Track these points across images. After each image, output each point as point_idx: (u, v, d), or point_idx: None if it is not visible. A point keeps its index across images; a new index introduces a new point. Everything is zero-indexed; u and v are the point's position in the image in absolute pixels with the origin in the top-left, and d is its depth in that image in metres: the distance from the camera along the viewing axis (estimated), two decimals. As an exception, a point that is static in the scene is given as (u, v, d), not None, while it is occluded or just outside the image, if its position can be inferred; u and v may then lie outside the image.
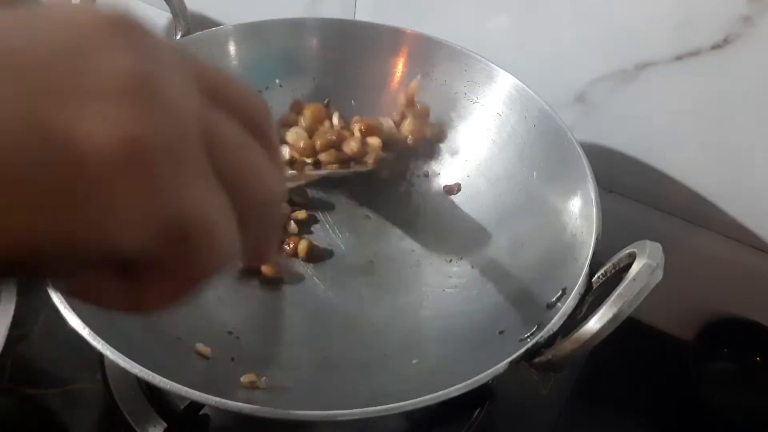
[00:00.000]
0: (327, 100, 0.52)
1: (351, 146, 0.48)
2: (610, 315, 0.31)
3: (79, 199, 0.14)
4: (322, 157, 0.48)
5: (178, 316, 0.42)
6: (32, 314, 0.49)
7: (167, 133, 0.15)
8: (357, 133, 0.48)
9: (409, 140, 0.50)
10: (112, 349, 0.32)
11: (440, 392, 0.31)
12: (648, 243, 0.33)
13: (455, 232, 0.49)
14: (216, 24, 0.65)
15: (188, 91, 0.16)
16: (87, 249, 0.15)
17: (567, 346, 0.32)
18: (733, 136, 0.45)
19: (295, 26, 0.52)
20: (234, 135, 0.17)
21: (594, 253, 0.37)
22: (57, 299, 0.34)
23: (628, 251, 0.34)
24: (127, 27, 0.15)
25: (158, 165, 0.14)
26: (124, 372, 0.32)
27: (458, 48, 0.49)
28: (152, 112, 0.14)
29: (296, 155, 0.48)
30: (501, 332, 0.39)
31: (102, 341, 0.32)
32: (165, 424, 0.43)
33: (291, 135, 0.49)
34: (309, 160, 0.48)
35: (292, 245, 0.48)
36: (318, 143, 0.48)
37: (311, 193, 0.52)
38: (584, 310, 0.36)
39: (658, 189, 0.50)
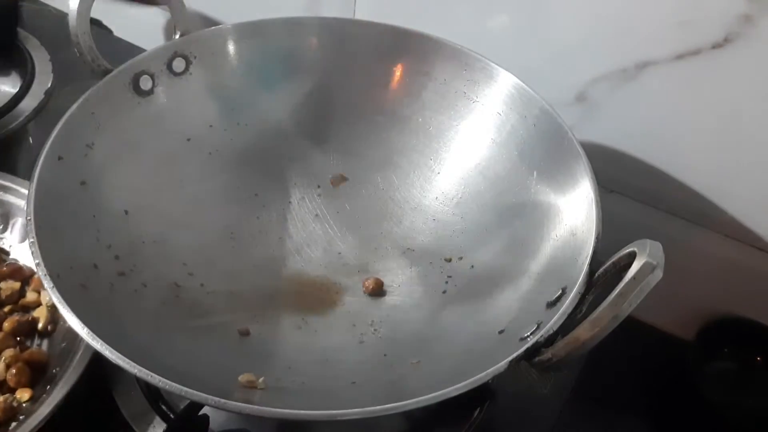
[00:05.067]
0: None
1: None
2: (610, 314, 0.31)
3: None
4: None
5: (177, 315, 0.43)
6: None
7: None
8: None
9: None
10: (111, 349, 0.32)
11: (440, 392, 0.31)
12: (648, 242, 0.33)
13: (455, 231, 0.49)
14: (215, 23, 0.65)
15: None
16: None
17: (567, 345, 0.32)
18: (734, 135, 0.45)
19: (294, 25, 0.52)
20: None
21: (594, 253, 0.37)
22: (56, 299, 0.34)
23: (628, 250, 0.34)
24: None
25: None
26: (124, 372, 0.32)
27: (458, 47, 0.49)
28: None
29: None
30: (501, 332, 0.39)
31: (101, 341, 0.32)
32: (165, 424, 0.43)
33: None
34: None
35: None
36: None
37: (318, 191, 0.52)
38: (584, 309, 0.35)
39: (658, 188, 0.50)
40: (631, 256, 0.33)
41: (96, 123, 0.44)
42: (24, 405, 0.43)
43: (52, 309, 0.48)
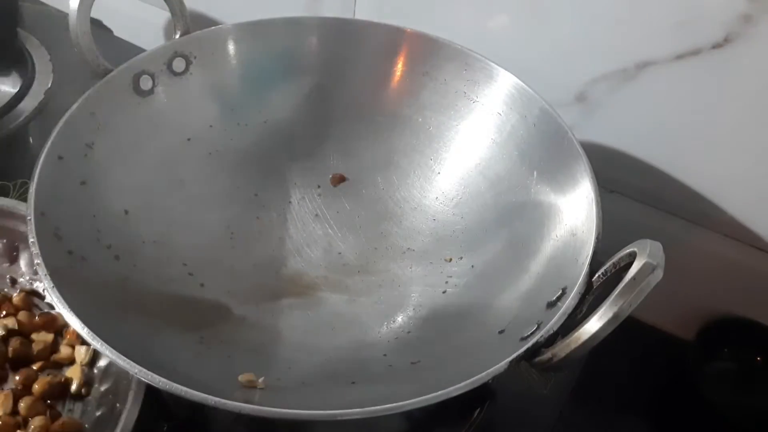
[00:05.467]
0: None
1: None
2: (610, 314, 0.31)
3: None
4: None
5: (177, 315, 0.42)
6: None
7: None
8: None
9: None
10: (111, 349, 0.32)
11: (440, 392, 0.31)
12: (648, 242, 0.33)
13: (455, 231, 0.49)
14: (215, 23, 0.65)
15: None
16: None
17: (567, 345, 0.32)
18: (734, 135, 0.45)
19: (294, 25, 0.52)
20: None
21: (594, 253, 0.37)
22: (56, 300, 0.34)
23: (628, 250, 0.34)
24: None
25: None
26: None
27: (458, 47, 0.49)
28: None
29: None
30: (501, 332, 0.39)
31: (101, 341, 0.32)
32: (165, 424, 0.43)
33: None
34: None
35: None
36: None
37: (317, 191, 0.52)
38: (584, 309, 0.36)
39: (658, 188, 0.50)
40: (632, 256, 0.33)
41: (96, 123, 0.44)
42: None
43: (88, 369, 0.44)
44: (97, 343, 0.32)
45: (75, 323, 0.33)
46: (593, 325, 0.32)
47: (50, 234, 0.38)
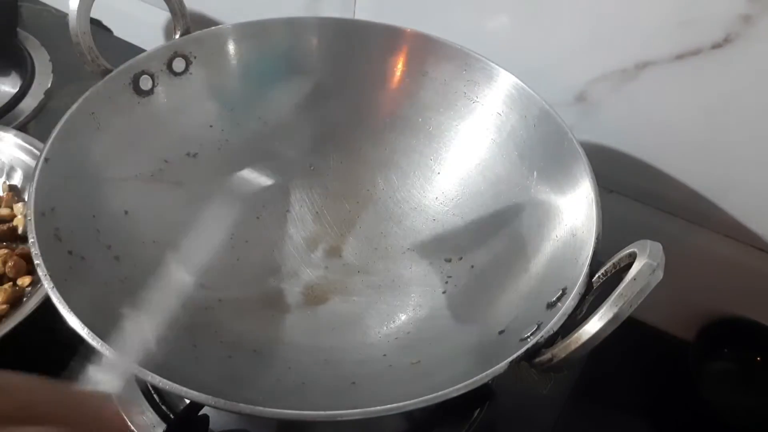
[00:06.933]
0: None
1: None
2: (610, 315, 0.31)
3: None
4: None
5: (176, 315, 0.42)
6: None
7: None
8: None
9: None
10: (111, 349, 0.32)
11: (440, 392, 0.31)
12: (648, 242, 0.33)
13: (455, 231, 0.49)
14: (215, 23, 0.65)
15: None
16: None
17: (567, 346, 0.32)
18: (734, 135, 0.45)
19: (294, 25, 0.52)
20: None
21: (594, 253, 0.37)
22: (56, 299, 0.34)
23: (628, 251, 0.34)
24: None
25: None
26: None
27: (458, 47, 0.49)
28: None
29: None
30: (501, 332, 0.39)
31: (101, 341, 0.32)
32: (164, 424, 0.43)
33: None
34: None
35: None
36: None
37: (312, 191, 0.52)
38: (584, 310, 0.35)
39: (658, 188, 0.50)
40: (632, 257, 0.33)
41: (96, 123, 0.44)
42: (27, 289, 0.49)
43: (25, 219, 0.50)
44: (97, 343, 0.32)
45: (75, 323, 0.33)
46: (593, 325, 0.32)
47: (50, 234, 0.38)
